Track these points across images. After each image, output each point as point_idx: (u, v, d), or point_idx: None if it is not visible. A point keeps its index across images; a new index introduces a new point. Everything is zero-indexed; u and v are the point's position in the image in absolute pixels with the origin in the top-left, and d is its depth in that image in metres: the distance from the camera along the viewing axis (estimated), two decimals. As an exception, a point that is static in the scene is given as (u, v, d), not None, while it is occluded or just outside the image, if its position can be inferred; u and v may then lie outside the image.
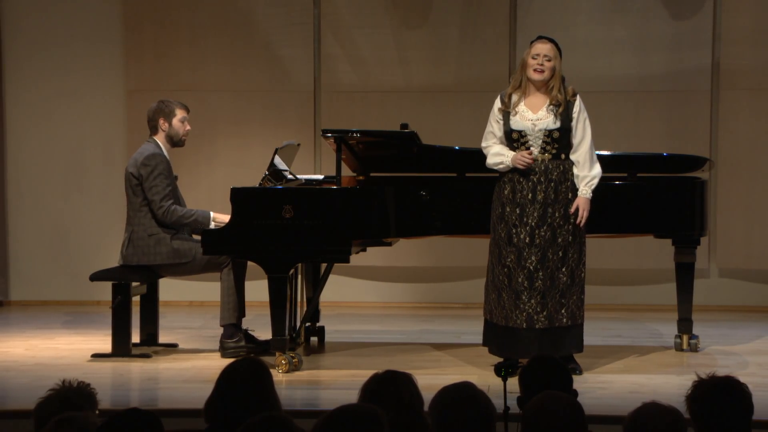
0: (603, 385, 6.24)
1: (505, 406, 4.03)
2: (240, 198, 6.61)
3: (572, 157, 6.44)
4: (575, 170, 6.44)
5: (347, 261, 6.66)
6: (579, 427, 3.40)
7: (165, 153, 7.11)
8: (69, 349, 7.31)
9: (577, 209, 6.38)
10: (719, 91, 8.98)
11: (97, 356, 6.96)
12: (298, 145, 7.54)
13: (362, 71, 9.16)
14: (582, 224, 6.40)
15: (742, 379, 3.59)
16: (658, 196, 6.93)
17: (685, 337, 7.16)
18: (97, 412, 3.74)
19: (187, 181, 8.40)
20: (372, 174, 7.32)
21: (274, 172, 6.89)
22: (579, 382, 4.46)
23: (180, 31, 9.21)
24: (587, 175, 6.42)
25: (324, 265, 7.01)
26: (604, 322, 8.31)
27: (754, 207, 9.00)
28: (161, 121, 7.12)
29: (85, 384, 3.79)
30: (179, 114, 7.15)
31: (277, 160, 6.95)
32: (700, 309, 7.98)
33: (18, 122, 9.34)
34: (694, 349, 7.14)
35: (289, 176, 7.08)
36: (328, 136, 6.83)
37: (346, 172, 7.07)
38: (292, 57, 9.20)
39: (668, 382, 6.31)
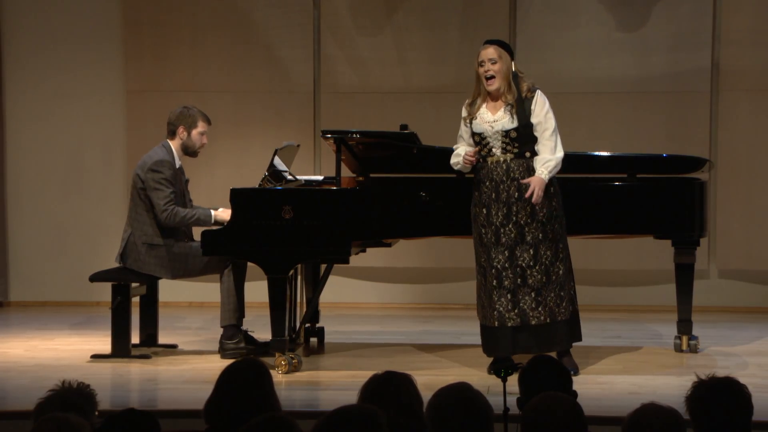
0: (602, 386, 6.24)
1: (505, 407, 4.03)
2: (240, 199, 6.61)
3: (536, 147, 6.40)
4: (536, 158, 6.38)
5: (347, 262, 6.66)
6: (579, 428, 3.39)
7: (176, 159, 7.09)
8: (68, 350, 7.31)
9: (529, 189, 6.21)
10: (719, 91, 8.97)
11: (96, 357, 6.96)
12: (298, 145, 7.54)
13: (362, 72, 9.16)
14: (535, 201, 6.24)
15: (741, 380, 3.60)
16: (657, 197, 6.93)
17: (684, 338, 7.16)
18: (96, 413, 3.74)
19: (186, 182, 8.41)
20: (371, 175, 7.32)
21: (274, 173, 6.88)
22: (578, 383, 4.45)
23: (180, 31, 9.21)
24: (544, 157, 6.31)
25: (324, 266, 7.00)
26: (604, 322, 8.31)
27: (753, 207, 8.99)
28: (181, 129, 7.09)
29: (85, 385, 3.79)
30: (200, 126, 7.12)
31: (277, 161, 6.94)
32: (700, 310, 7.97)
33: (18, 122, 9.34)
34: (693, 350, 7.14)
35: (289, 177, 7.08)
36: (328, 137, 6.83)
37: (346, 172, 7.07)
38: (292, 58, 9.20)
39: (668, 383, 6.31)
